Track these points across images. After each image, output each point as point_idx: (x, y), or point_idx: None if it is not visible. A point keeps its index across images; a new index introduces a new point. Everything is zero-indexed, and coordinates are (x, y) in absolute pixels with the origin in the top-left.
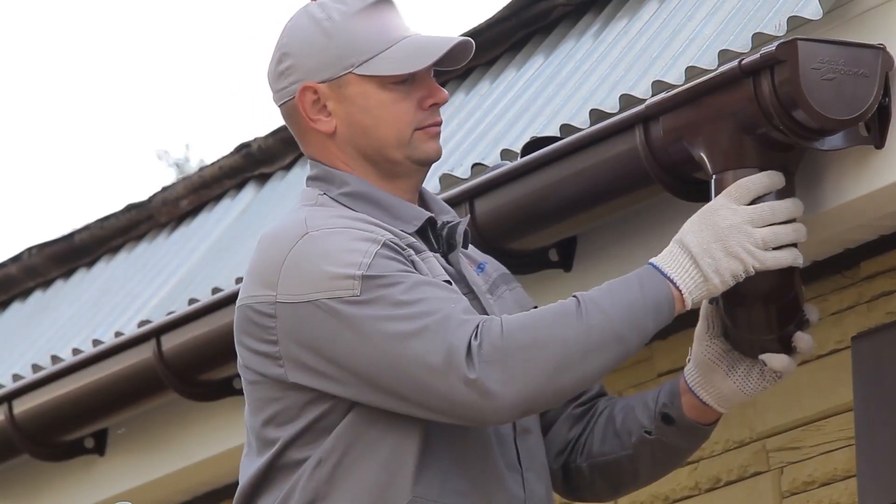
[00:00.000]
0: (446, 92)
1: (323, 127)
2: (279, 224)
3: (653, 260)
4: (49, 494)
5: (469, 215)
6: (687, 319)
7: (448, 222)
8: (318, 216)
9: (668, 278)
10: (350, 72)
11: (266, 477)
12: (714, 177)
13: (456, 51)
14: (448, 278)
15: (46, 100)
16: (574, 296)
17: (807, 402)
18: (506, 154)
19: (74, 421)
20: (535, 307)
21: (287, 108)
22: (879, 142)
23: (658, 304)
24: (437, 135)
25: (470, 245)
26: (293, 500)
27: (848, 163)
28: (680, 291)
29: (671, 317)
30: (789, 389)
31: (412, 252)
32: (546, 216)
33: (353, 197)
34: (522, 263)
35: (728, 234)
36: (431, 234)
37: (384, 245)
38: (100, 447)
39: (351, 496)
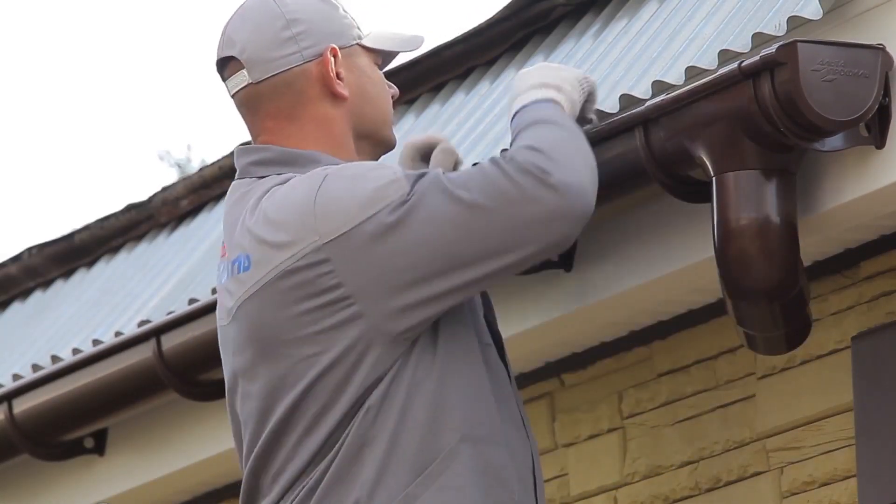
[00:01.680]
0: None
1: (342, 90)
2: (281, 194)
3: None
4: (49, 494)
5: None
6: (687, 320)
7: None
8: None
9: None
10: (357, 43)
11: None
12: (714, 178)
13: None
14: None
15: (46, 100)
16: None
17: (807, 402)
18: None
19: (74, 421)
20: None
21: (289, 74)
22: (879, 142)
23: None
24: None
25: None
26: (343, 447)
27: (848, 163)
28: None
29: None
30: (789, 389)
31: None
32: None
33: None
34: None
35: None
36: None
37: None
38: (100, 447)
39: (400, 439)
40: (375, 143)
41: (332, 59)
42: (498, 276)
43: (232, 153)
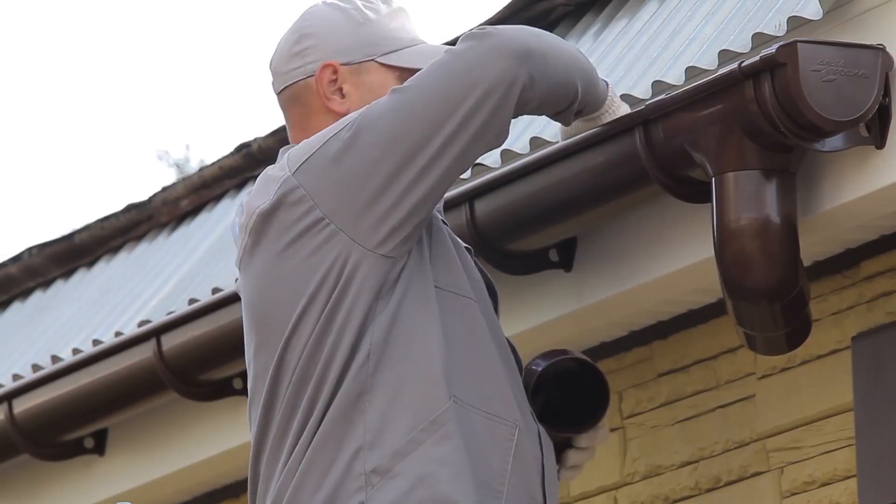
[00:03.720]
0: None
1: (336, 107)
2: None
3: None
4: (49, 494)
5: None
6: (687, 320)
7: None
8: None
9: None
10: (373, 59)
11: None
12: (714, 178)
13: None
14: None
15: (46, 100)
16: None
17: (807, 402)
18: (506, 154)
19: (74, 421)
20: None
21: (296, 87)
22: (880, 142)
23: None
24: None
25: None
26: (339, 394)
27: (848, 163)
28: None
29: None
30: (789, 389)
31: None
32: (546, 216)
33: None
34: (522, 263)
35: None
36: None
37: None
38: (100, 447)
39: (404, 388)
40: None
41: (329, 74)
42: (457, 144)
43: (232, 153)
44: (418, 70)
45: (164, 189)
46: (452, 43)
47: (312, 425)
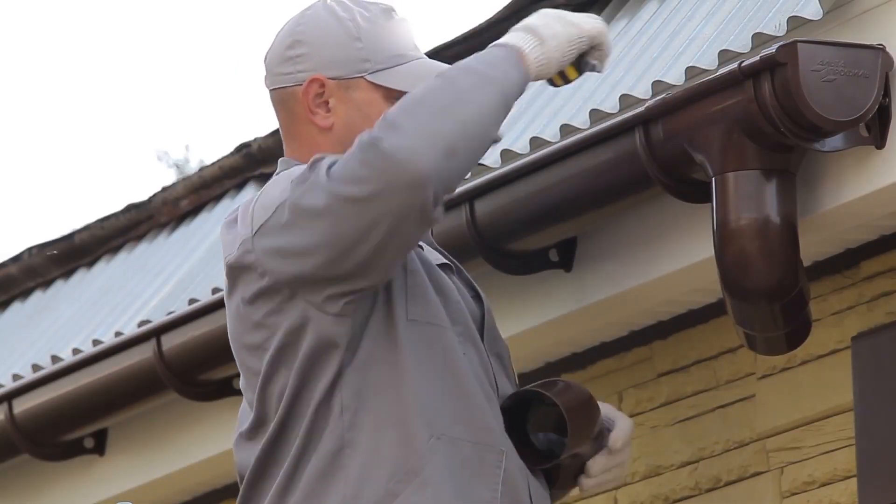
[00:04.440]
0: None
1: (320, 121)
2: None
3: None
4: (49, 494)
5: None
6: (687, 320)
7: None
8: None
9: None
10: (362, 76)
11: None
12: (714, 178)
13: None
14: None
15: (46, 100)
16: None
17: (807, 402)
18: (506, 154)
19: (74, 421)
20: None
21: (284, 93)
22: (880, 142)
23: (509, 59)
24: None
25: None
26: (319, 449)
27: (848, 163)
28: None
29: (519, 71)
30: (789, 389)
31: None
32: (546, 217)
33: None
34: (522, 263)
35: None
36: None
37: None
38: (100, 447)
39: (381, 439)
40: None
41: (316, 88)
42: (384, 251)
43: (232, 153)
44: (404, 92)
45: (164, 189)
46: (451, 44)
47: (296, 481)
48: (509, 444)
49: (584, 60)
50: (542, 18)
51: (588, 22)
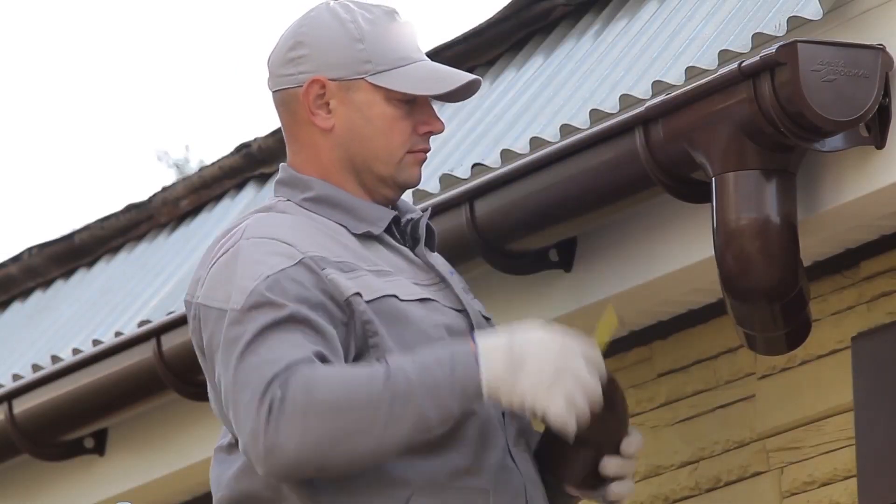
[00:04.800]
0: (443, 123)
1: (321, 123)
2: (228, 227)
3: (479, 344)
4: (49, 494)
5: (429, 210)
6: (687, 320)
7: (411, 218)
8: (259, 225)
9: (481, 370)
10: (363, 78)
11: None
12: (714, 178)
13: (463, 87)
14: (384, 267)
15: (46, 100)
16: (385, 361)
17: (807, 402)
18: (506, 154)
19: (74, 421)
20: (488, 318)
21: (286, 94)
22: (880, 142)
23: (465, 391)
24: (423, 161)
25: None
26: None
27: (848, 163)
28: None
29: (480, 401)
30: (789, 389)
31: (350, 260)
32: (546, 217)
33: (315, 201)
34: (522, 264)
35: (560, 375)
36: (397, 231)
37: (299, 263)
38: (100, 447)
39: None
40: (373, 178)
41: (317, 89)
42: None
43: (232, 153)
44: (404, 93)
45: (164, 189)
46: (451, 44)
47: None
48: (498, 473)
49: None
50: (528, 345)
51: (578, 362)
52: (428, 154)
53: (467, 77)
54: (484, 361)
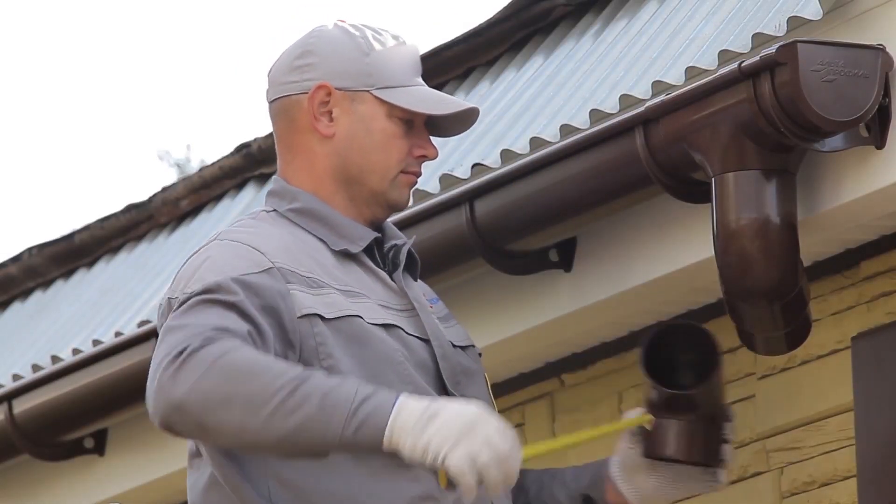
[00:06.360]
0: (437, 150)
1: (322, 128)
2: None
3: (401, 398)
4: (49, 494)
5: (415, 237)
6: (686, 320)
7: (395, 244)
8: (236, 231)
9: (391, 416)
10: (369, 91)
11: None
12: (714, 178)
13: (460, 117)
14: (354, 288)
15: (46, 100)
16: (316, 370)
17: (807, 402)
18: (506, 154)
19: (74, 421)
20: (474, 346)
21: (287, 101)
22: (879, 142)
23: (364, 424)
24: (413, 185)
25: (423, 284)
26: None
27: (848, 163)
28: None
29: (375, 445)
30: (789, 389)
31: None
32: (546, 217)
33: (300, 213)
34: (522, 263)
35: (468, 434)
36: (378, 255)
37: (265, 272)
38: (100, 447)
39: None
40: (365, 192)
41: (323, 95)
42: None
43: (232, 154)
44: (406, 111)
45: (164, 189)
46: (451, 44)
47: None
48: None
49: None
50: (445, 407)
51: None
52: (419, 179)
53: (466, 104)
54: (397, 411)
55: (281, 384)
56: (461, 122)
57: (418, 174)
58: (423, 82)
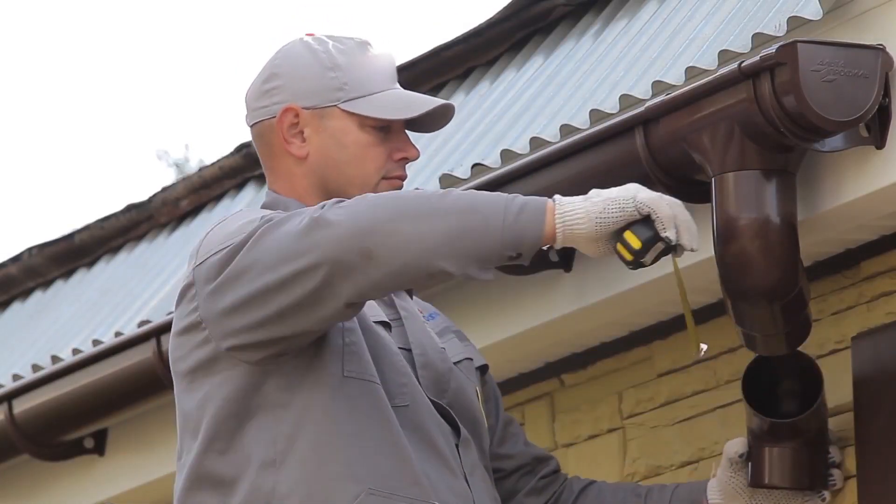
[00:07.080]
0: (418, 150)
1: (295, 150)
2: None
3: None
4: (49, 494)
5: None
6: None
7: None
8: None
9: (555, 199)
10: (336, 105)
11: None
12: (714, 178)
13: (437, 113)
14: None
15: (46, 100)
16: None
17: None
18: (506, 154)
19: (74, 421)
20: (486, 365)
21: (262, 126)
22: (879, 142)
23: (524, 209)
24: (399, 188)
25: (422, 301)
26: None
27: (848, 163)
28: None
29: (538, 233)
30: None
31: None
32: None
33: None
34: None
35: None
36: None
37: None
38: (100, 447)
39: (302, 496)
40: None
41: (290, 118)
42: (285, 302)
43: (232, 153)
44: (376, 119)
45: (164, 189)
46: (451, 44)
47: None
48: (447, 497)
49: (647, 233)
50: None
51: (633, 187)
52: (404, 181)
53: (437, 102)
54: (555, 199)
55: (428, 195)
56: (441, 117)
57: (402, 177)
58: (395, 85)
